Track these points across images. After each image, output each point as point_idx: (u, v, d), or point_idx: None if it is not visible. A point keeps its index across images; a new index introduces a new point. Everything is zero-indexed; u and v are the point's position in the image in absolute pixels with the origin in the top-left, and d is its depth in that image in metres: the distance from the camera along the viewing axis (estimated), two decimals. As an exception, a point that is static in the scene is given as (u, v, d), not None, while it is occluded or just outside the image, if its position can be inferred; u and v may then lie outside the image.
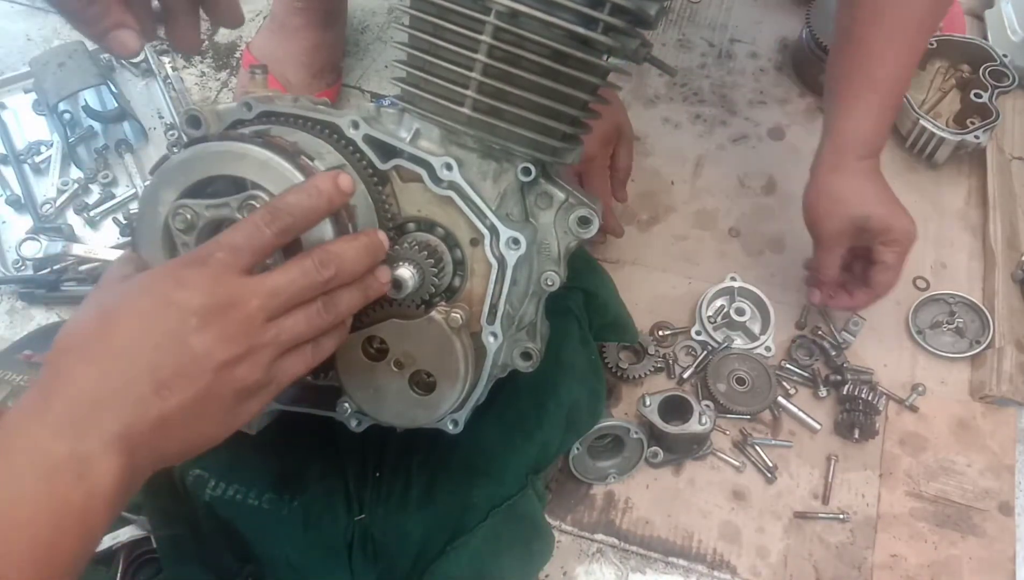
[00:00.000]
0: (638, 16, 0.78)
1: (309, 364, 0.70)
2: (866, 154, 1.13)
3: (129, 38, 0.67)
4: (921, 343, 1.30)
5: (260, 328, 0.64)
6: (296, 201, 0.68)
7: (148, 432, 0.60)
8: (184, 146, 0.76)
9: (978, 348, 1.28)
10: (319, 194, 0.68)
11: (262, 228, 0.65)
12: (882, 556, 1.14)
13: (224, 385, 0.63)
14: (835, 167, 1.14)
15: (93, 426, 0.57)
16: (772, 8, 1.70)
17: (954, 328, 1.30)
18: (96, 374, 0.59)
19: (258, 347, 0.64)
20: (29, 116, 1.45)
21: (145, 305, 0.62)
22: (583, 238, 0.88)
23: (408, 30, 0.81)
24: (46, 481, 0.55)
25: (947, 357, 1.29)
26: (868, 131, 1.12)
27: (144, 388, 0.59)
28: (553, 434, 1.06)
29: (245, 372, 0.64)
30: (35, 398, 0.59)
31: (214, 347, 0.61)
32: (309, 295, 0.68)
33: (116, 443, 0.58)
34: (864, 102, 1.11)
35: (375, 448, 1.02)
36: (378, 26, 1.66)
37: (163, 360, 0.60)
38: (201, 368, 0.61)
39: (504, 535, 1.01)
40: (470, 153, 0.82)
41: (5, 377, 1.14)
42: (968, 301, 1.32)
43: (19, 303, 1.31)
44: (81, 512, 0.56)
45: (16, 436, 0.57)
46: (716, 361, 1.24)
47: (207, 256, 0.64)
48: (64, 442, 0.56)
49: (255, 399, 0.67)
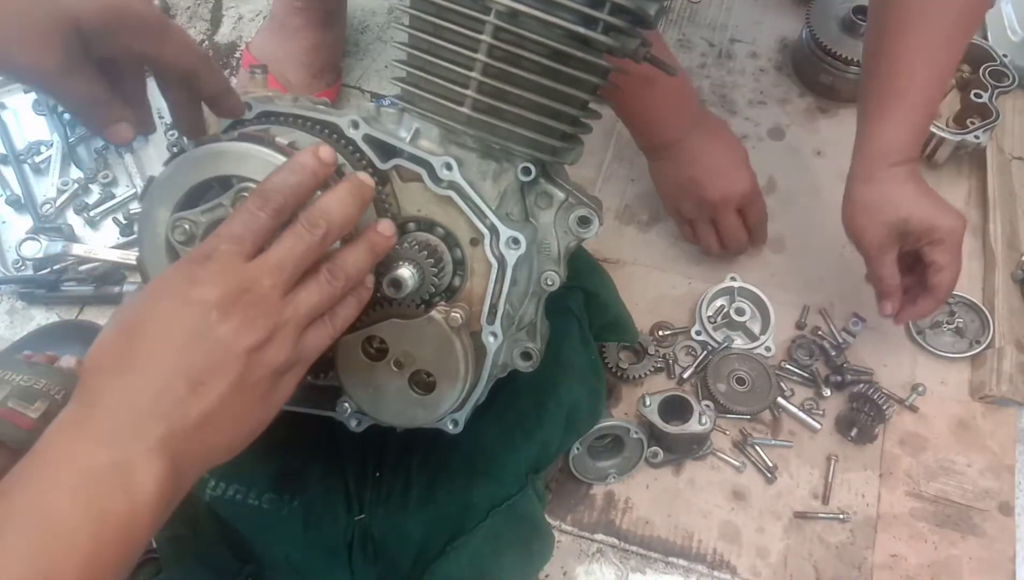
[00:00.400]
0: (638, 16, 0.78)
1: (332, 334, 0.71)
2: (900, 161, 1.11)
3: (125, 130, 0.72)
4: (921, 343, 1.30)
5: (278, 305, 0.65)
6: (282, 180, 0.69)
7: (192, 431, 0.60)
8: (165, 163, 0.77)
9: (978, 348, 1.28)
10: (303, 168, 0.70)
11: (256, 213, 0.66)
12: (882, 556, 1.14)
13: (257, 369, 0.64)
14: (868, 178, 1.13)
15: (134, 434, 0.57)
16: (772, 8, 1.70)
17: (954, 328, 1.30)
18: (131, 385, 0.59)
19: (281, 325, 0.65)
20: (29, 116, 1.45)
21: (165, 309, 0.62)
22: (583, 238, 0.88)
23: (408, 30, 0.81)
24: (88, 492, 0.55)
25: (947, 357, 1.29)
26: (899, 141, 1.11)
27: (180, 390, 0.60)
28: (553, 434, 1.06)
29: (274, 352, 0.65)
30: (73, 414, 0.59)
31: (240, 334, 0.62)
32: (312, 258, 0.68)
33: (159, 449, 0.58)
34: (895, 114, 1.10)
35: (375, 448, 1.02)
36: (378, 26, 1.66)
37: (193, 358, 0.61)
38: (232, 357, 0.62)
39: (504, 535, 1.01)
40: (470, 153, 0.82)
41: (5, 377, 1.13)
42: (968, 301, 1.32)
43: (19, 303, 1.31)
44: (125, 521, 0.56)
45: (55, 450, 0.56)
46: (716, 361, 1.24)
47: (212, 250, 0.65)
48: (105, 452, 0.56)
49: (289, 376, 0.68)
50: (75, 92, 0.68)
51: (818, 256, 1.39)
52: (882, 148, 1.11)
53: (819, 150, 1.51)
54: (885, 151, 1.11)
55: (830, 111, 1.55)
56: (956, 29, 1.09)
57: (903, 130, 1.10)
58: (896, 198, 1.10)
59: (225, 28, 1.63)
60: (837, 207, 1.42)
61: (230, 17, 1.66)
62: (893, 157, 1.10)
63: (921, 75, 1.08)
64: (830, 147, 1.51)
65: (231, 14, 1.66)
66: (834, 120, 1.54)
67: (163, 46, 0.70)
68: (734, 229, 1.29)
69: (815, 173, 1.48)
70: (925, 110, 1.11)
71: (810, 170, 1.48)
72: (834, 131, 1.53)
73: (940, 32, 1.07)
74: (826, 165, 1.48)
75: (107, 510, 0.55)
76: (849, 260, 1.38)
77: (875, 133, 1.12)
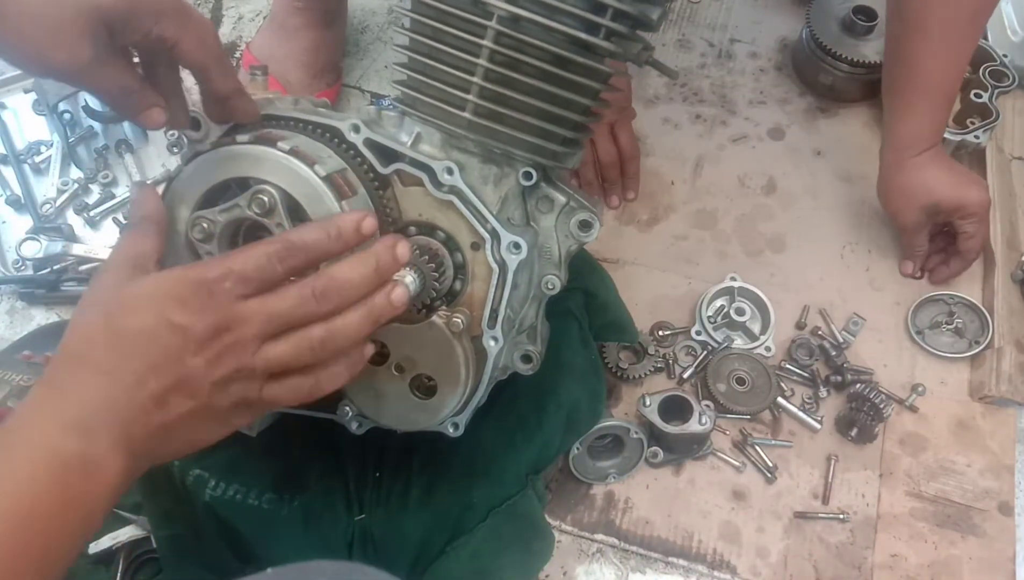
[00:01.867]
0: (640, 20, 0.78)
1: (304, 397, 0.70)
2: (925, 147, 1.24)
3: (157, 115, 0.74)
4: (921, 343, 1.30)
5: (253, 353, 0.66)
6: (314, 241, 0.69)
7: (150, 438, 0.64)
8: (186, 161, 0.78)
9: (977, 348, 1.28)
10: (339, 238, 0.70)
11: (275, 264, 0.67)
12: (882, 556, 1.14)
13: (220, 399, 0.66)
14: (899, 166, 1.27)
15: (101, 430, 0.61)
16: (772, 8, 1.69)
17: (953, 328, 1.30)
18: (102, 384, 0.62)
19: (249, 369, 0.66)
20: (29, 116, 1.45)
21: (148, 323, 0.64)
22: (584, 242, 0.88)
23: (408, 33, 0.81)
24: (57, 476, 0.59)
25: (947, 357, 1.29)
26: (923, 131, 1.24)
27: (146, 402, 0.63)
28: (553, 434, 1.06)
29: (239, 390, 0.67)
30: (45, 396, 0.63)
31: (210, 368, 0.65)
32: (308, 322, 0.68)
33: (121, 445, 0.62)
34: (918, 107, 1.23)
35: (375, 448, 1.02)
36: (378, 26, 1.66)
37: (163, 379, 0.63)
38: (197, 386, 0.64)
39: (504, 535, 1.01)
40: (471, 157, 0.82)
41: (5, 377, 1.14)
42: (967, 301, 1.32)
43: (19, 303, 1.31)
44: (86, 505, 0.60)
45: (28, 430, 0.60)
46: (716, 361, 1.24)
47: (214, 283, 0.65)
48: (73, 441, 0.60)
49: (249, 411, 0.70)
50: (108, 81, 0.69)
51: (818, 256, 1.39)
52: (909, 139, 1.24)
53: (819, 150, 1.51)
54: (912, 141, 1.24)
55: (830, 111, 1.55)
56: (969, 25, 1.17)
57: (926, 122, 1.24)
58: (928, 183, 1.25)
59: (225, 28, 1.63)
60: (837, 207, 1.44)
61: (230, 17, 1.65)
62: (920, 145, 1.24)
63: (939, 72, 1.19)
64: (830, 147, 1.51)
65: (231, 14, 1.66)
66: (834, 120, 1.54)
67: (182, 32, 0.71)
68: None
69: (815, 173, 1.48)
70: (945, 102, 1.24)
71: (810, 170, 1.48)
72: (834, 131, 1.53)
73: (955, 30, 1.16)
74: (826, 165, 1.48)
75: (73, 494, 0.59)
76: (849, 260, 1.38)
77: (901, 126, 1.25)
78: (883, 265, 1.38)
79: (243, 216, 0.74)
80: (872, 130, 1.51)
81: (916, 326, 1.31)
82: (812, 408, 1.24)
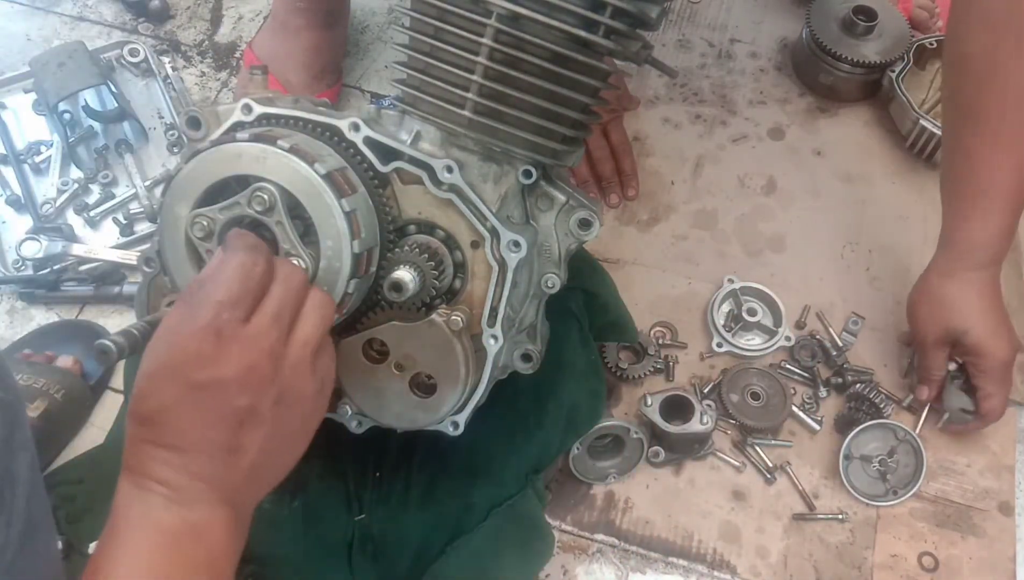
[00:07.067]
0: (639, 18, 0.78)
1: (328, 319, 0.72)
2: (983, 263, 1.09)
3: None
4: (921, 343, 1.29)
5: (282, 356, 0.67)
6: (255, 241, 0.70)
7: (243, 482, 0.66)
8: (185, 160, 0.78)
9: (978, 348, 1.27)
10: None
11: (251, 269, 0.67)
12: (882, 556, 1.14)
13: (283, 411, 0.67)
14: (947, 273, 1.12)
15: (194, 495, 0.64)
16: (772, 8, 1.69)
17: (954, 328, 1.30)
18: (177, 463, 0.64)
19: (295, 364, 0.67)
20: (29, 116, 1.45)
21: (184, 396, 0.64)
22: (584, 240, 0.88)
23: (408, 32, 0.81)
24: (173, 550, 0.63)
25: (947, 357, 1.29)
26: (984, 240, 1.08)
27: (223, 458, 0.65)
28: (553, 434, 1.06)
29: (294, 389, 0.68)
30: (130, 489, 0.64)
31: (259, 397, 0.65)
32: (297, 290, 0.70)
33: (218, 503, 0.65)
34: (978, 211, 1.07)
35: (375, 448, 1.02)
36: (378, 26, 1.66)
37: (226, 431, 0.64)
38: (258, 418, 0.66)
39: (504, 535, 1.01)
40: (471, 155, 0.82)
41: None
42: (968, 301, 1.31)
43: (19, 303, 1.31)
44: (208, 563, 0.64)
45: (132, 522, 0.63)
46: (734, 373, 1.24)
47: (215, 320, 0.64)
48: (177, 516, 0.63)
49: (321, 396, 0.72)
50: None
51: (818, 256, 1.39)
52: (967, 247, 1.10)
53: (819, 150, 1.51)
54: (969, 249, 1.09)
55: (830, 111, 1.55)
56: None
57: (987, 231, 1.08)
58: (964, 307, 1.10)
59: (225, 28, 1.63)
60: (837, 207, 1.43)
61: (230, 17, 1.65)
62: (978, 257, 1.09)
63: (1002, 173, 1.04)
64: (830, 147, 1.51)
65: (231, 14, 1.66)
66: (834, 120, 1.54)
67: None
68: None
69: (815, 173, 1.48)
70: (1010, 210, 1.06)
71: (810, 170, 1.48)
72: (834, 131, 1.53)
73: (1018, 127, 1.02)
74: (826, 165, 1.48)
75: (192, 561, 0.63)
76: (849, 260, 1.38)
77: (960, 230, 1.10)
78: (883, 265, 1.38)
79: (243, 214, 0.74)
80: (872, 130, 1.52)
81: (916, 326, 1.31)
82: (812, 408, 1.24)
